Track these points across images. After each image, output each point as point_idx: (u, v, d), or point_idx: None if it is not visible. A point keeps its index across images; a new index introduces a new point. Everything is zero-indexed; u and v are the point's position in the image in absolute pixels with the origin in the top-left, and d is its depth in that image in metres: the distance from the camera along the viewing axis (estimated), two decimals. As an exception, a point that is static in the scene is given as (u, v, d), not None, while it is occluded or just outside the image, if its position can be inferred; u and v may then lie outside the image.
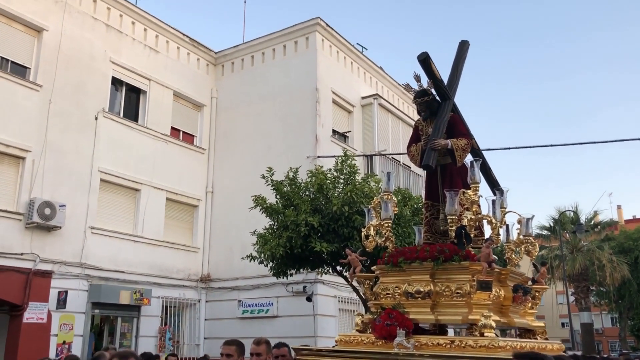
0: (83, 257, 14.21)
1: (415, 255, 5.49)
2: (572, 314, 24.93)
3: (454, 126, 6.24)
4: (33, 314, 12.82)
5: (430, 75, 6.24)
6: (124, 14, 16.60)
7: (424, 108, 6.37)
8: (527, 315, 6.02)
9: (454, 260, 5.26)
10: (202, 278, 17.41)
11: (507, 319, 5.52)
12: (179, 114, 18.08)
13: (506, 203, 5.90)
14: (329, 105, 17.43)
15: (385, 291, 5.68)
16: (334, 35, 18.03)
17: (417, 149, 6.37)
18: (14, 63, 14.02)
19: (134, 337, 15.06)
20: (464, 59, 6.92)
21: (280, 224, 11.55)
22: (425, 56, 6.13)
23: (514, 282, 5.76)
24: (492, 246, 5.20)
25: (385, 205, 6.06)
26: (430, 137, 6.08)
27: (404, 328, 5.03)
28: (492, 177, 6.78)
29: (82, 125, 14.82)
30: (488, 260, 5.05)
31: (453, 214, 5.46)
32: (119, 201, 15.66)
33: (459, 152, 6.01)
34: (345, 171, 11.98)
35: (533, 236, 6.04)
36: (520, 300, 5.70)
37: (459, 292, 5.23)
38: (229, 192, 17.59)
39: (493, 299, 5.25)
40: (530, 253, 5.96)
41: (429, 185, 6.42)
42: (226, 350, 4.45)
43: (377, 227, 6.06)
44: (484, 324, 4.85)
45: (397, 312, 5.16)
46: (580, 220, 28.48)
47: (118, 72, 16.20)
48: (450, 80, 6.66)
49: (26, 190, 13.33)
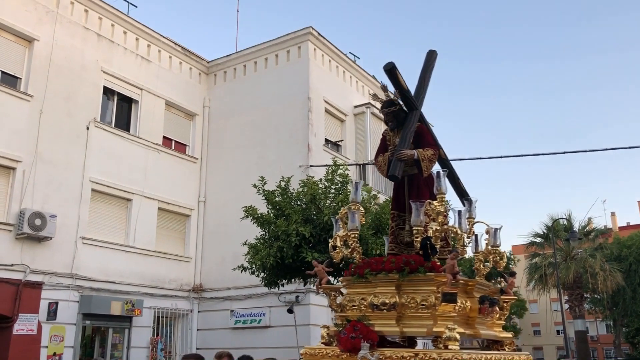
0: (74, 267, 14.13)
1: (381, 267, 5.40)
2: (567, 322, 24.92)
3: (421, 136, 6.20)
4: (23, 325, 12.72)
5: (397, 86, 6.19)
6: (115, 24, 16.60)
7: (391, 118, 6.34)
8: (494, 327, 5.95)
9: (419, 271, 5.19)
10: (194, 288, 17.33)
11: (473, 330, 5.45)
12: (171, 123, 18.06)
13: (475, 213, 5.87)
14: (322, 115, 17.45)
15: (351, 303, 5.59)
16: (326, 44, 18.07)
17: (384, 159, 6.31)
18: (5, 73, 13.99)
19: (126, 348, 14.95)
20: (431, 69, 6.88)
21: (272, 234, 11.53)
22: (391, 66, 6.09)
23: (480, 293, 5.69)
24: (457, 257, 5.14)
25: (352, 215, 5.95)
26: (397, 148, 6.03)
27: (369, 341, 4.95)
28: (461, 187, 6.73)
29: (73, 135, 14.78)
30: (453, 271, 4.99)
31: (418, 224, 5.38)
32: (110, 211, 15.60)
33: (426, 162, 5.98)
34: (337, 181, 11.97)
35: (499, 247, 5.97)
36: (487, 312, 5.61)
37: (424, 304, 5.16)
38: (221, 201, 17.55)
39: (458, 311, 5.18)
40: (498, 264, 5.91)
41: (396, 195, 6.36)
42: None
43: (344, 237, 5.97)
44: (448, 336, 4.78)
45: (362, 324, 5.06)
46: (573, 228, 28.54)
47: (109, 81, 16.18)
48: (418, 90, 6.64)
49: (17, 200, 13.27)
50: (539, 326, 58.18)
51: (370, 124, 18.66)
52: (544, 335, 57.46)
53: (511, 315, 45.74)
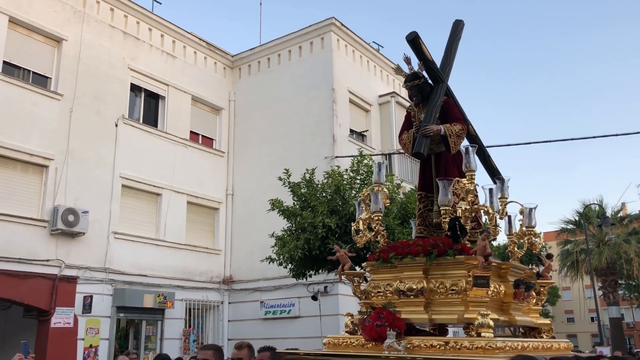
0: (107, 262, 14.46)
1: (407, 250, 5.07)
2: (601, 308, 24.54)
3: (448, 111, 5.77)
4: (60, 318, 13.12)
5: (421, 57, 5.79)
6: (140, 21, 16.83)
7: (415, 92, 5.94)
8: (531, 312, 5.59)
9: (448, 254, 4.87)
10: (224, 280, 17.58)
11: (508, 316, 5.08)
12: (198, 118, 18.28)
13: (507, 193, 5.43)
14: (346, 105, 17.45)
15: (376, 289, 5.26)
16: (349, 34, 18.03)
17: (409, 137, 5.88)
18: (35, 73, 14.32)
19: (159, 339, 15.28)
20: (458, 40, 6.42)
21: (298, 225, 11.61)
22: (414, 36, 5.68)
23: (515, 276, 5.30)
24: (488, 238, 4.75)
25: (375, 197, 5.61)
26: (422, 123, 5.62)
27: (395, 329, 4.64)
28: (492, 165, 6.31)
29: (102, 133, 15.08)
30: (484, 253, 4.60)
31: (446, 204, 5.01)
32: (140, 206, 15.90)
33: (453, 138, 5.54)
34: (362, 171, 11.98)
35: (534, 227, 5.54)
36: (522, 297, 5.23)
37: (454, 289, 4.82)
38: (248, 194, 17.73)
39: (492, 296, 4.80)
40: (534, 245, 5.52)
41: (423, 175, 5.96)
42: (202, 356, 4.16)
43: (367, 220, 5.63)
44: (480, 322, 4.46)
45: (387, 311, 4.74)
46: (606, 213, 27.98)
47: (136, 78, 16.44)
48: (444, 61, 6.22)
49: (50, 197, 13.62)
50: (572, 313, 57.32)
51: (396, 113, 18.59)
52: (578, 323, 56.61)
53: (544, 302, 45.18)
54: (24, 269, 12.76)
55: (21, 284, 12.58)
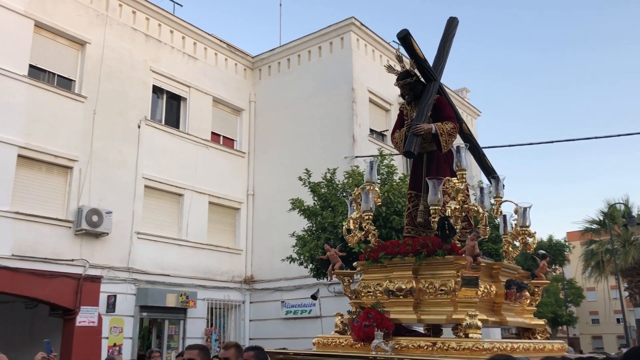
0: (130, 261, 14.65)
1: (397, 250, 5.06)
2: (627, 310, 24.15)
3: (440, 109, 5.74)
4: (85, 317, 13.34)
5: (412, 55, 5.77)
6: (162, 24, 17.02)
7: (407, 91, 5.93)
8: (525, 313, 5.56)
9: (437, 254, 4.83)
10: (245, 279, 17.69)
11: (499, 317, 5.05)
12: (219, 119, 18.42)
13: (502, 192, 5.42)
14: (366, 105, 17.44)
15: (366, 289, 5.25)
16: (368, 34, 18.02)
17: (401, 135, 5.86)
18: (60, 76, 14.57)
19: (181, 339, 15.43)
20: (452, 37, 6.38)
21: (319, 225, 11.64)
22: (405, 33, 5.64)
23: (507, 277, 5.27)
24: (477, 238, 4.68)
25: (366, 196, 5.56)
26: (413, 122, 5.57)
27: (383, 329, 4.63)
28: (487, 164, 6.22)
29: (125, 134, 15.28)
30: (473, 253, 4.56)
31: (436, 204, 4.97)
32: (163, 206, 16.07)
33: (445, 137, 5.49)
34: (382, 171, 11.96)
35: (529, 227, 5.52)
36: (514, 297, 5.19)
37: (443, 289, 4.79)
38: (269, 194, 17.81)
39: (482, 296, 4.78)
40: (528, 245, 5.49)
41: (414, 174, 5.92)
42: (188, 355, 4.14)
43: (358, 220, 5.60)
44: (468, 323, 4.42)
45: (376, 311, 4.73)
46: (631, 213, 27.53)
47: (158, 80, 16.62)
48: (437, 60, 6.19)
49: (74, 198, 13.84)
50: (597, 315, 56.45)
51: (416, 113, 18.49)
52: (603, 324, 55.70)
53: (567, 303, 44.60)
54: (49, 268, 12.99)
55: (47, 283, 12.82)
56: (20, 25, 13.59)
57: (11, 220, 12.63)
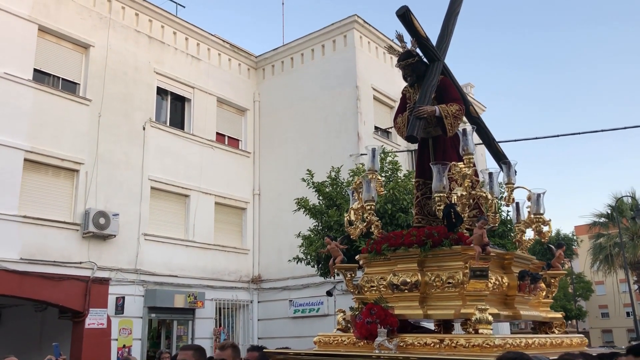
0: (138, 263, 14.69)
1: (401, 241, 4.74)
2: (637, 303, 24.07)
3: (444, 91, 5.38)
4: (94, 319, 13.39)
5: (413, 33, 5.40)
6: (165, 25, 17.04)
7: (409, 72, 5.53)
8: (540, 306, 5.17)
9: (443, 245, 4.51)
10: (253, 279, 17.72)
11: (512, 311, 4.68)
12: (223, 119, 18.44)
13: (514, 178, 5.04)
14: (370, 102, 17.42)
15: (369, 283, 4.94)
16: (371, 31, 17.98)
17: (403, 120, 5.50)
18: (65, 80, 14.62)
19: (190, 339, 15.47)
20: (456, 15, 6.00)
21: (324, 224, 11.63)
22: (404, 10, 5.27)
23: (520, 267, 4.89)
24: (485, 226, 4.34)
25: (367, 185, 5.24)
26: (416, 104, 5.21)
27: (387, 326, 4.33)
28: (496, 148, 5.84)
29: (130, 136, 15.32)
30: (481, 243, 4.24)
31: (441, 191, 4.64)
32: (169, 208, 16.11)
33: (450, 119, 5.13)
34: (386, 168, 11.94)
35: (543, 214, 5.12)
36: (528, 289, 4.82)
37: (450, 282, 4.46)
38: (275, 193, 17.82)
39: (493, 289, 4.43)
40: (542, 233, 5.11)
41: (420, 160, 5.55)
42: (182, 356, 4.07)
43: (360, 210, 5.28)
44: (478, 318, 4.11)
45: (379, 307, 4.43)
46: (639, 206, 27.40)
47: (162, 82, 16.65)
48: (440, 38, 5.80)
49: (81, 201, 13.89)
50: (606, 308, 56.27)
51: (421, 109, 18.44)
52: (613, 318, 55.48)
53: (576, 297, 44.43)
54: (58, 271, 13.04)
55: (56, 286, 12.88)
56: (25, 30, 13.65)
57: (19, 224, 12.69)
